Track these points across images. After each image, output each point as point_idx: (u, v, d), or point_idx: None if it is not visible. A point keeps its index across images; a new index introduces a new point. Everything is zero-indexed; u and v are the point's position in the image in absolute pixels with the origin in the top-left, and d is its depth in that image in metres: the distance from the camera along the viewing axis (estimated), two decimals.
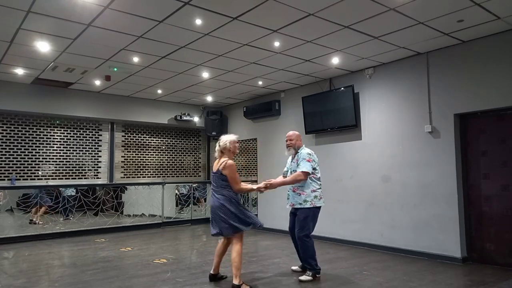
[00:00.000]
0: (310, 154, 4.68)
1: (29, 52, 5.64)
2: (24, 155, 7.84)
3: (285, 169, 4.95)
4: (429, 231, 5.61)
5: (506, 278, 4.58)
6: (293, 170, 4.68)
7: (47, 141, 8.13)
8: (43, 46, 5.41)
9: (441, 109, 5.58)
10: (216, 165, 4.28)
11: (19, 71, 6.66)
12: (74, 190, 9.03)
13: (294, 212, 4.73)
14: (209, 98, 9.00)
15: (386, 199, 6.18)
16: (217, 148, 4.32)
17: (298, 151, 4.76)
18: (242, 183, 4.30)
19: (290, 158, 4.88)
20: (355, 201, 6.64)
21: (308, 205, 4.53)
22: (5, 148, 7.63)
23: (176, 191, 10.37)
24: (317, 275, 4.54)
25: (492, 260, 5.17)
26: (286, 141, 4.82)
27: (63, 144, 8.34)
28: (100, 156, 8.82)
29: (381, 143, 6.33)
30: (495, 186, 5.19)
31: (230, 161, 4.20)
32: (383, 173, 6.26)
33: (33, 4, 4.13)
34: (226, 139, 4.30)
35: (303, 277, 4.50)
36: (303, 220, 4.54)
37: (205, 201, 10.47)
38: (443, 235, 5.45)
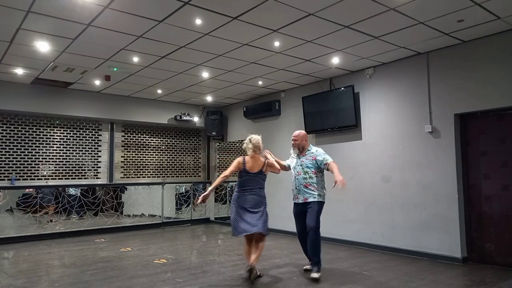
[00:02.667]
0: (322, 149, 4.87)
1: (29, 52, 5.64)
2: (24, 155, 7.83)
3: (288, 162, 5.02)
4: (429, 231, 5.61)
5: (506, 278, 4.58)
6: (306, 166, 4.71)
7: (46, 141, 8.12)
8: (43, 46, 5.41)
9: (441, 109, 5.58)
10: (255, 165, 4.48)
11: (19, 71, 6.65)
12: (77, 190, 9.04)
13: (304, 211, 4.69)
14: (209, 98, 9.00)
15: (386, 199, 6.18)
16: (250, 146, 4.49)
17: (308, 149, 4.82)
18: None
19: (295, 156, 4.90)
20: (355, 201, 6.64)
21: (322, 199, 4.70)
22: (5, 148, 7.62)
23: (176, 191, 10.36)
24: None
25: (492, 260, 5.17)
26: (292, 140, 4.87)
27: (63, 144, 8.33)
28: (100, 156, 8.81)
29: (381, 143, 6.33)
30: (495, 186, 5.19)
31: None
32: (383, 173, 6.26)
33: (33, 4, 4.12)
34: (259, 137, 4.56)
35: (316, 275, 4.48)
36: (318, 211, 4.64)
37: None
38: (443, 235, 5.45)
